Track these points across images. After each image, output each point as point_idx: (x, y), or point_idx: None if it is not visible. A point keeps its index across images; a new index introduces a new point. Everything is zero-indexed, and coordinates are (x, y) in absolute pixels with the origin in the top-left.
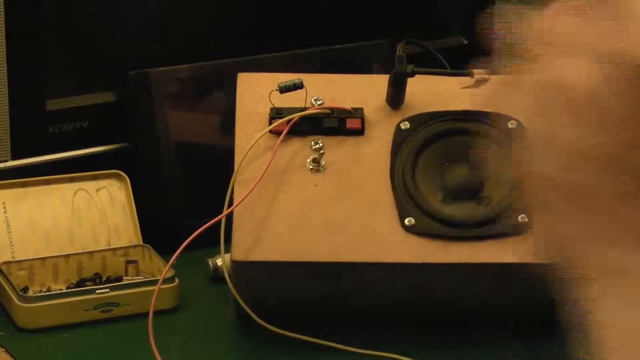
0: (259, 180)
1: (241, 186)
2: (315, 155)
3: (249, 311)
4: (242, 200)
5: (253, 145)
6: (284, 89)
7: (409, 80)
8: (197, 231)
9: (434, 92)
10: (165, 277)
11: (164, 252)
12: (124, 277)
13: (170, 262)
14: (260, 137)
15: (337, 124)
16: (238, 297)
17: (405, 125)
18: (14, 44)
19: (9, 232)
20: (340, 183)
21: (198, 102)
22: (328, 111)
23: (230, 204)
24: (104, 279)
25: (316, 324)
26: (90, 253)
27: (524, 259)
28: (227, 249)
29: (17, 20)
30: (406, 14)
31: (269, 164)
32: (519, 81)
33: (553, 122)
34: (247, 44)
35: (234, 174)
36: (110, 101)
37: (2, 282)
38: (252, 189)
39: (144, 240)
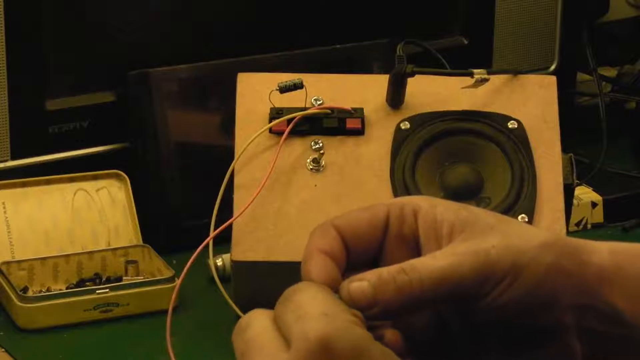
0: (264, 182)
1: (243, 186)
2: (315, 155)
3: (240, 312)
4: (250, 203)
5: (251, 142)
6: (284, 89)
7: (409, 80)
8: (221, 227)
9: (434, 92)
10: (165, 277)
11: (164, 252)
12: (124, 277)
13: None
14: (259, 134)
15: (337, 124)
16: (228, 297)
17: (405, 125)
18: (14, 44)
19: (8, 232)
20: (340, 183)
21: (198, 102)
22: (328, 111)
23: (228, 201)
24: (103, 279)
25: None
26: (90, 253)
27: None
28: (227, 249)
29: (16, 20)
30: (406, 14)
31: (272, 166)
32: None
33: None
34: (247, 44)
35: (229, 170)
36: (110, 101)
37: (2, 282)
38: (259, 192)
39: (144, 240)
